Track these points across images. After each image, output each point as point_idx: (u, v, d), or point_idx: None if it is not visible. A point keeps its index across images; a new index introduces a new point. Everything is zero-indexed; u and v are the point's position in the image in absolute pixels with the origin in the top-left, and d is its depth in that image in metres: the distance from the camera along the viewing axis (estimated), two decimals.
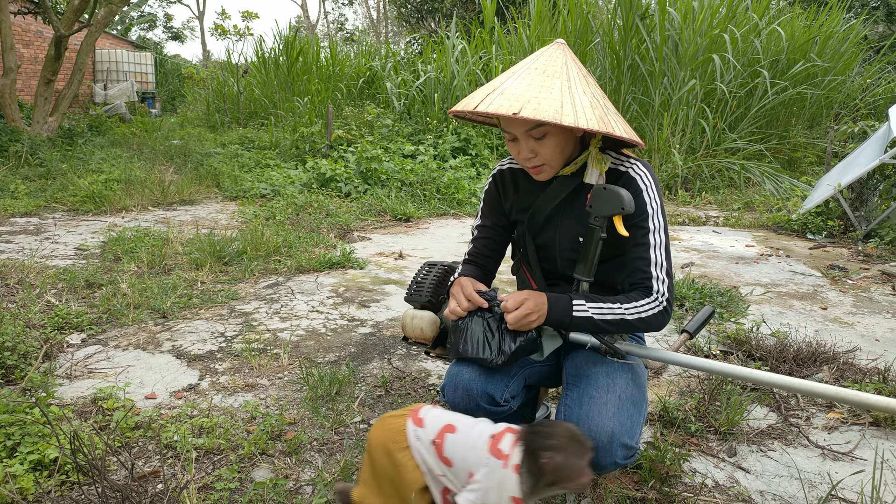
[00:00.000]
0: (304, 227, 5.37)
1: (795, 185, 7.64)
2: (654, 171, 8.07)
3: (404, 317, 1.88)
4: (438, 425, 1.41)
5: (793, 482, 1.98)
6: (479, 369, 1.66)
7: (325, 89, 11.24)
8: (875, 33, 14.67)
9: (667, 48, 8.59)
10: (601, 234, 1.57)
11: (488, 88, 1.53)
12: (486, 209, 1.89)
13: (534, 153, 1.58)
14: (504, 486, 1.32)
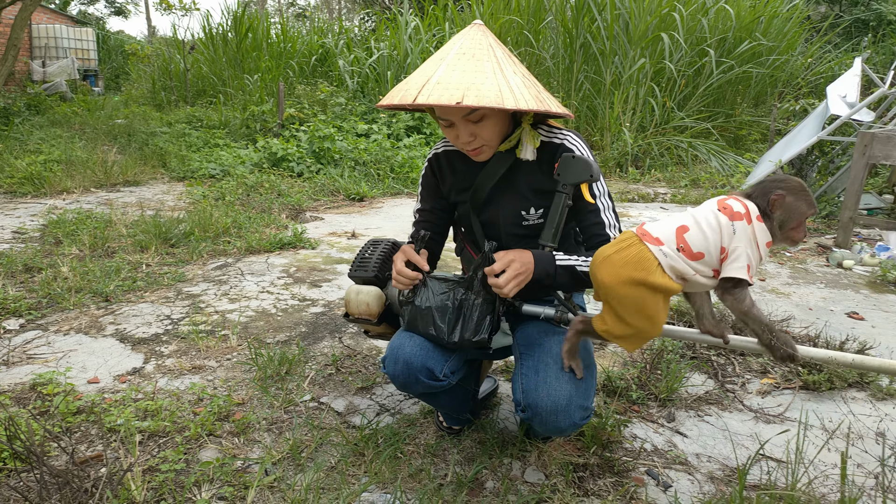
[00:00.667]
0: (254, 207, 5.29)
1: (740, 162, 7.87)
2: (606, 149, 8.24)
3: (348, 292, 1.86)
4: (673, 233, 1.44)
5: (727, 444, 2.08)
6: (420, 343, 1.69)
7: (276, 67, 10.99)
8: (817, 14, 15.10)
9: (617, 27, 8.68)
10: (568, 201, 1.60)
11: (421, 79, 1.53)
12: (425, 193, 1.91)
13: (473, 136, 1.62)
14: (757, 237, 1.40)
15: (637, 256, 1.44)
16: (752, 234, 1.39)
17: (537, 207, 1.74)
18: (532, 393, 1.60)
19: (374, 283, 1.87)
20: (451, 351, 1.74)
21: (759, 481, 1.86)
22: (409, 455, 1.96)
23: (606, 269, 1.47)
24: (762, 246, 1.41)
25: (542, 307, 1.75)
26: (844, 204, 4.56)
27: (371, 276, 1.86)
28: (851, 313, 3.28)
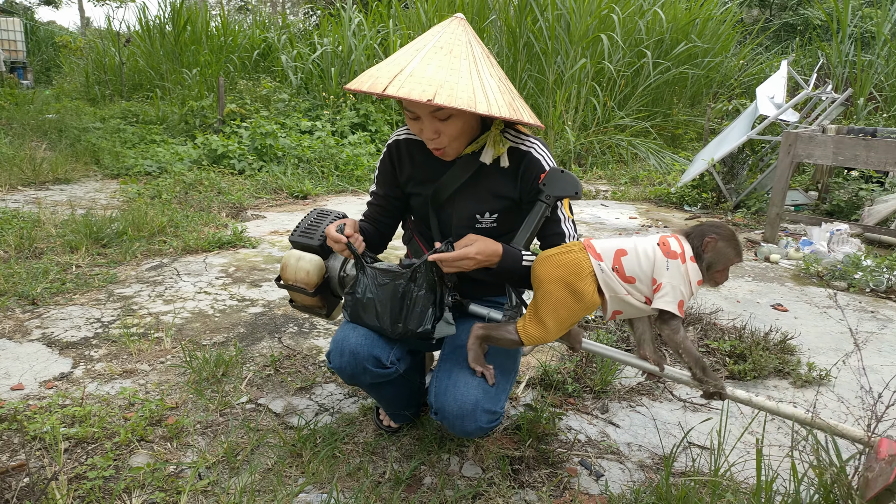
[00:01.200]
0: (192, 205, 5.15)
1: (676, 161, 8.13)
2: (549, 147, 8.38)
3: (288, 257, 1.78)
4: (612, 253, 1.55)
5: (656, 433, 2.16)
6: (365, 333, 1.68)
7: (217, 61, 10.71)
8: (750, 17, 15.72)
9: (559, 27, 8.84)
10: (547, 212, 1.63)
11: (394, 68, 1.48)
12: (381, 179, 1.87)
13: (437, 133, 1.58)
14: (689, 276, 1.52)
15: (575, 262, 1.54)
16: (685, 273, 1.51)
17: (492, 212, 1.72)
18: (441, 397, 1.63)
19: (317, 252, 1.80)
20: (394, 339, 1.74)
21: (686, 468, 1.94)
22: (347, 454, 1.96)
23: (545, 265, 1.56)
24: (693, 284, 1.53)
25: (489, 309, 1.75)
26: (771, 201, 4.78)
27: (315, 244, 1.79)
28: (776, 305, 3.44)
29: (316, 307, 1.87)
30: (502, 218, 1.74)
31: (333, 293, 1.88)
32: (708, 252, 1.54)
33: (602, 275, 1.52)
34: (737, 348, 2.69)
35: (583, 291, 1.52)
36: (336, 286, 1.85)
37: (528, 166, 1.67)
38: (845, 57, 9.44)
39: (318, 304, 1.85)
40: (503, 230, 1.75)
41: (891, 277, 3.73)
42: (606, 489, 1.83)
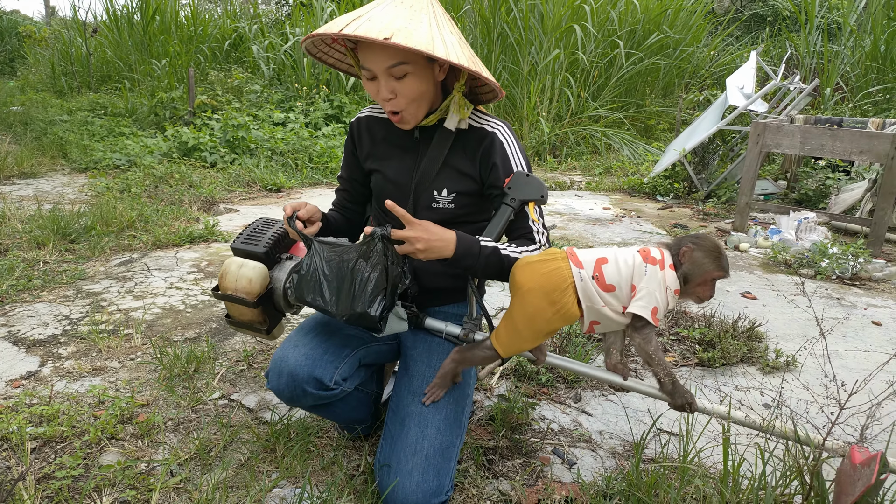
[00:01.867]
0: (163, 199, 5.07)
1: (648, 151, 8.22)
2: (524, 137, 8.40)
3: (229, 263, 1.66)
4: (593, 262, 1.53)
5: (627, 421, 2.20)
6: (305, 352, 1.60)
7: (187, 52, 10.52)
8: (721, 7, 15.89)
9: (532, 17, 8.84)
10: (511, 216, 1.61)
11: (352, 16, 1.44)
12: (345, 160, 1.86)
13: (394, 93, 1.52)
14: (667, 283, 1.49)
15: (557, 272, 1.51)
16: (662, 279, 1.48)
17: (450, 190, 1.67)
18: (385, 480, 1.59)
19: (261, 261, 1.69)
20: (341, 357, 1.66)
21: (656, 454, 1.97)
22: (321, 448, 1.96)
23: (526, 272, 1.52)
24: (670, 292, 1.49)
25: (446, 323, 1.71)
26: (741, 190, 4.86)
27: (260, 251, 1.67)
28: (745, 293, 3.51)
29: (256, 322, 1.72)
30: (460, 199, 1.68)
31: (276, 307, 1.74)
32: (685, 261, 1.51)
33: (581, 283, 1.50)
34: (706, 336, 2.74)
35: (562, 303, 1.50)
36: (280, 299, 1.71)
37: (491, 147, 1.63)
38: (813, 47, 9.60)
39: (258, 318, 1.71)
40: (460, 213, 1.69)
41: (856, 265, 3.82)
42: (578, 477, 1.86)
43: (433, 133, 1.68)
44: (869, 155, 4.39)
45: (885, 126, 5.11)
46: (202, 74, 9.75)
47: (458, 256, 1.53)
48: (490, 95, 1.70)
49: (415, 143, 1.71)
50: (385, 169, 1.74)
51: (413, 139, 1.71)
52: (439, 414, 1.64)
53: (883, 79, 8.47)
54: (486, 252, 1.55)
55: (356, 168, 1.84)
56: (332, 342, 1.67)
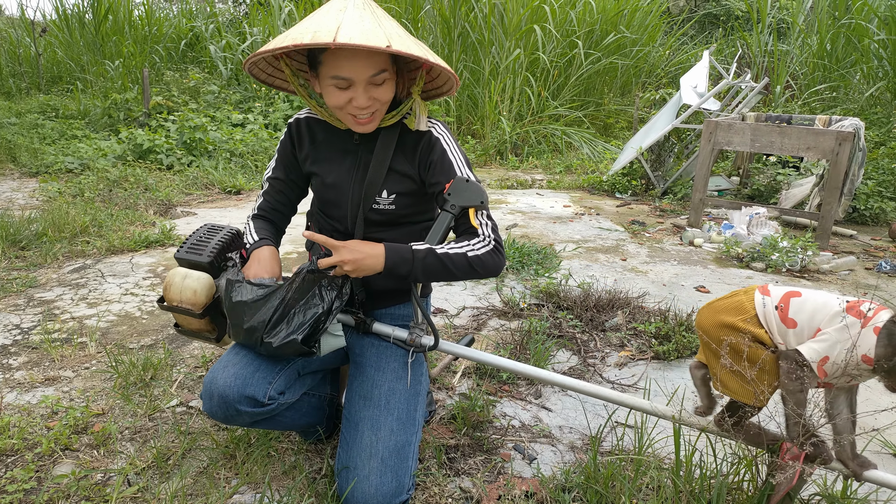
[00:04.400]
0: (117, 203, 4.96)
1: (607, 149, 8.36)
2: (486, 137, 8.46)
3: (173, 275, 1.62)
4: (783, 292, 1.41)
5: (585, 415, 2.24)
6: (236, 371, 1.56)
7: (141, 52, 10.29)
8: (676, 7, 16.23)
9: (493, 18, 8.90)
10: (452, 223, 1.61)
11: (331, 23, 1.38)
12: (280, 161, 1.80)
13: (372, 100, 1.52)
14: (857, 342, 1.30)
15: (737, 303, 1.45)
16: (855, 336, 1.30)
17: (390, 191, 1.66)
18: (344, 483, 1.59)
19: (206, 270, 1.66)
20: (275, 371, 1.62)
21: (613, 447, 2.02)
22: (282, 453, 1.95)
23: (706, 312, 1.50)
24: (858, 356, 1.30)
25: (393, 328, 1.70)
26: (695, 187, 4.99)
27: (205, 261, 1.63)
28: (699, 287, 3.61)
29: (204, 331, 1.70)
30: (400, 200, 1.68)
31: (224, 315, 1.71)
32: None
33: (763, 309, 1.42)
34: (661, 330, 2.81)
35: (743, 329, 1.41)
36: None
37: (429, 145, 1.65)
38: (764, 46, 9.89)
39: (206, 327, 1.69)
40: (402, 213, 1.69)
41: (804, 258, 3.96)
42: (538, 472, 1.89)
43: (372, 136, 1.68)
44: (815, 151, 4.55)
45: (831, 123, 5.30)
46: (157, 75, 9.56)
47: (391, 267, 1.53)
48: (435, 92, 1.72)
49: (355, 145, 1.70)
50: (325, 173, 1.72)
51: (353, 142, 1.70)
52: (391, 415, 1.65)
53: (829, 77, 8.78)
54: (421, 255, 1.54)
55: (295, 169, 1.80)
56: (266, 358, 1.63)
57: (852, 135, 4.41)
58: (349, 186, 1.70)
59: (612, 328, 2.94)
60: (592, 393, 1.71)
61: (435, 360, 2.51)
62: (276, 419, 1.69)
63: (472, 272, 1.58)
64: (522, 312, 3.09)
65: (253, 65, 1.61)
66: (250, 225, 1.80)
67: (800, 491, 1.59)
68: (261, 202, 1.85)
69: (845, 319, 1.32)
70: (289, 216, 1.89)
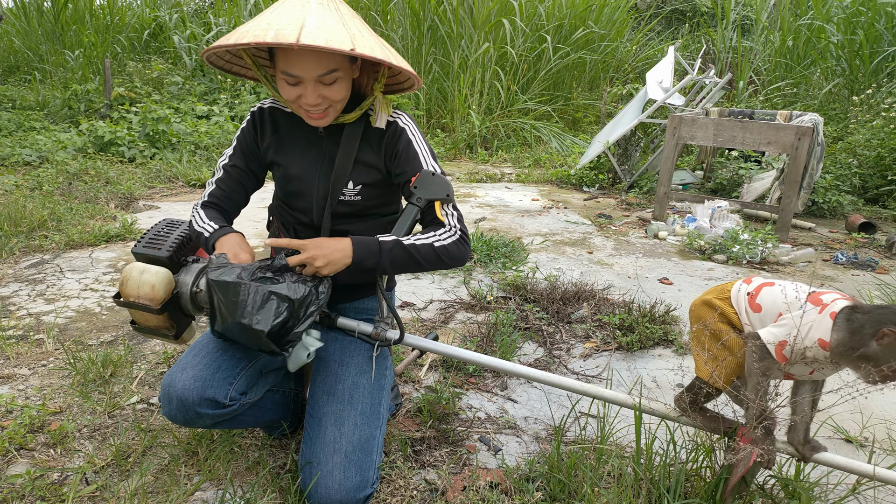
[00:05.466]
0: (77, 197, 4.83)
1: (576, 143, 8.43)
2: (456, 130, 8.45)
3: (130, 269, 1.58)
4: (760, 282, 1.48)
5: (549, 406, 2.27)
6: (195, 373, 1.53)
7: (103, 42, 10.02)
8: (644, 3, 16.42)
9: (462, 11, 8.89)
10: (418, 216, 1.61)
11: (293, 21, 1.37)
12: (239, 148, 1.75)
13: (321, 98, 1.51)
14: (814, 328, 1.32)
15: (722, 287, 1.58)
16: (812, 321, 1.33)
17: (356, 182, 1.66)
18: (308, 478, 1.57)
19: (164, 265, 1.62)
20: (236, 372, 1.60)
21: (576, 436, 2.05)
22: (245, 448, 1.93)
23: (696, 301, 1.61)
24: (813, 339, 1.33)
25: (358, 322, 1.69)
26: (659, 180, 5.06)
27: (164, 255, 1.61)
28: (663, 279, 3.67)
29: (163, 328, 1.65)
30: (367, 191, 1.68)
31: (184, 311, 1.67)
32: (880, 344, 1.27)
33: (736, 294, 1.51)
34: (625, 321, 2.85)
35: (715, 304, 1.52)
36: (188, 303, 1.64)
37: (394, 136, 1.65)
38: (728, 43, 10.07)
39: (164, 323, 1.64)
40: (368, 204, 1.69)
41: (764, 250, 4.05)
42: (503, 462, 1.90)
43: (338, 127, 1.67)
44: (776, 146, 4.66)
45: (791, 118, 5.42)
46: (120, 66, 9.33)
47: (359, 260, 1.52)
48: (398, 87, 1.72)
49: (319, 137, 1.69)
50: (288, 164, 1.71)
51: (318, 134, 1.69)
52: (354, 410, 1.64)
53: (790, 74, 8.98)
54: (388, 247, 1.54)
55: (255, 158, 1.76)
56: (226, 357, 1.61)
57: (811, 130, 4.52)
58: (314, 178, 1.69)
59: (578, 320, 2.98)
60: (555, 383, 1.73)
61: (402, 353, 2.52)
62: (238, 419, 1.68)
63: (440, 262, 1.59)
64: (489, 305, 3.11)
65: (212, 53, 1.58)
66: (200, 213, 1.71)
67: (756, 474, 1.64)
68: (213, 189, 1.76)
69: (805, 306, 1.36)
70: (241, 207, 1.82)
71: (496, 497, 1.73)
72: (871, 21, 7.57)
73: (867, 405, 2.34)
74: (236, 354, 1.63)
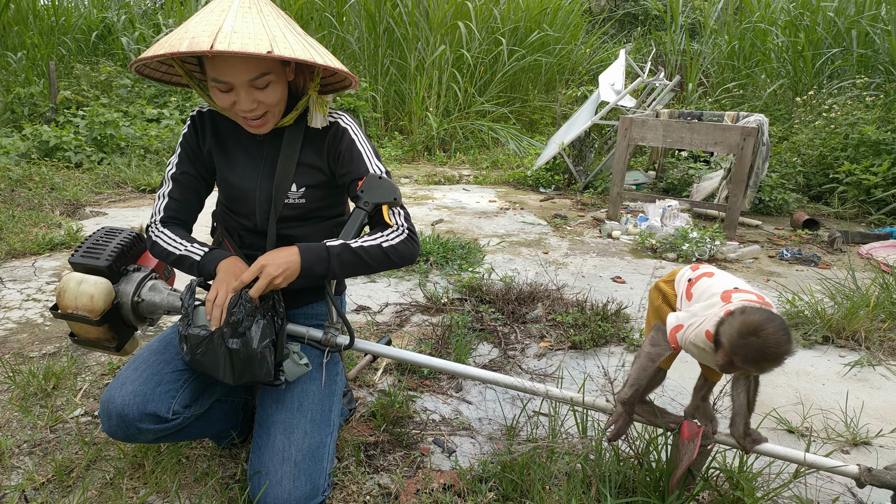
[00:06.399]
0: (20, 204, 4.66)
1: (532, 145, 8.52)
2: (414, 132, 8.45)
3: (67, 280, 1.55)
4: (704, 271, 1.52)
5: (504, 405, 2.28)
6: (135, 388, 1.50)
7: (47, 43, 9.68)
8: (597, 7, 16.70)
9: (418, 13, 8.90)
10: (365, 220, 1.60)
11: (209, 27, 1.34)
12: (184, 155, 1.70)
13: (256, 103, 1.48)
14: (708, 321, 1.36)
15: (674, 270, 1.65)
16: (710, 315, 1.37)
17: (300, 185, 1.64)
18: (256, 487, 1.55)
19: (103, 275, 1.59)
20: (178, 385, 1.57)
21: (528, 436, 2.07)
22: (194, 459, 1.89)
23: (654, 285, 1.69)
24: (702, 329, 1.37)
25: (307, 328, 1.67)
26: (612, 181, 5.16)
27: (103, 265, 1.57)
28: (616, 278, 3.74)
29: (103, 340, 1.62)
30: (310, 193, 1.66)
31: (126, 322, 1.64)
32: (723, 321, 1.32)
33: (680, 277, 1.58)
34: (579, 320, 2.89)
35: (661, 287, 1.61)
36: (129, 314, 1.61)
37: (336, 136, 1.64)
38: (678, 46, 10.32)
39: (105, 335, 1.61)
40: (312, 207, 1.68)
41: (713, 247, 4.17)
42: (457, 464, 1.91)
43: (279, 131, 1.65)
44: (723, 146, 4.79)
45: (738, 119, 5.59)
46: (66, 68, 9.04)
47: (308, 266, 1.50)
48: (339, 86, 1.70)
49: (259, 140, 1.67)
50: (230, 169, 1.68)
51: (257, 138, 1.67)
52: (304, 417, 1.62)
53: (737, 75, 9.26)
54: (336, 251, 1.52)
55: (202, 163, 1.71)
56: (167, 370, 1.58)
57: (756, 130, 4.67)
58: (256, 182, 1.66)
59: (533, 320, 3.01)
60: (505, 384, 1.75)
61: (356, 357, 2.50)
62: (183, 432, 1.64)
63: (389, 262, 1.58)
64: (445, 307, 3.12)
65: (144, 65, 1.54)
66: (166, 233, 1.64)
67: (702, 467, 1.68)
68: (166, 203, 1.69)
69: (711, 300, 1.41)
70: (197, 215, 1.78)
71: (449, 499, 1.73)
72: (813, 23, 7.86)
73: (808, 396, 2.43)
74: (179, 367, 1.60)
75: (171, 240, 1.63)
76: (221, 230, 1.79)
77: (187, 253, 1.61)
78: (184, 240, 1.64)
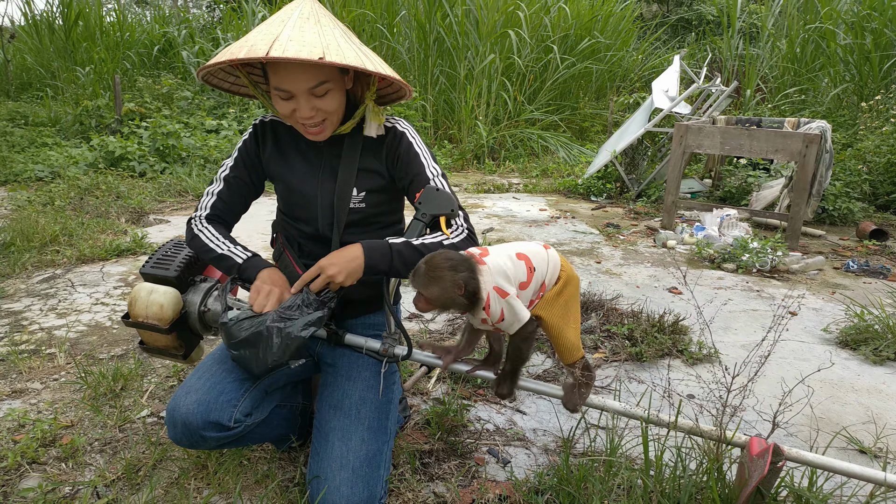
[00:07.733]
0: (88, 212, 4.89)
1: (583, 153, 8.43)
2: (463, 141, 8.48)
3: (138, 290, 1.61)
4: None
5: (557, 417, 2.26)
6: (198, 397, 1.54)
7: (113, 58, 10.16)
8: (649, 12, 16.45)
9: (468, 22, 8.95)
10: (425, 231, 1.61)
11: (267, 37, 1.40)
12: (241, 160, 1.75)
13: (315, 111, 1.53)
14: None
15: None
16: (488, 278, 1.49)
17: (360, 189, 1.67)
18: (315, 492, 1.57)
19: (172, 285, 1.65)
20: (240, 393, 1.61)
21: (585, 448, 2.04)
22: (255, 462, 1.94)
23: None
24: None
25: (366, 339, 1.69)
26: (667, 189, 5.05)
27: (172, 276, 1.63)
28: (672, 288, 3.65)
29: (171, 348, 1.67)
30: (371, 198, 1.69)
31: (192, 331, 1.70)
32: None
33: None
34: (634, 332, 2.84)
35: None
36: (196, 322, 1.66)
37: (394, 140, 1.67)
38: (735, 50, 10.06)
39: (173, 343, 1.66)
40: (372, 212, 1.71)
41: (774, 258, 4.03)
42: (512, 475, 1.90)
43: (338, 138, 1.68)
44: (784, 153, 4.64)
45: (799, 125, 5.41)
46: (130, 81, 9.45)
47: (371, 263, 1.53)
48: (395, 96, 1.73)
49: (320, 149, 1.70)
50: (290, 177, 1.72)
51: (316, 145, 1.70)
52: (362, 425, 1.64)
53: (798, 80, 8.96)
54: (398, 248, 1.55)
55: (256, 170, 1.76)
56: (229, 379, 1.62)
57: (819, 137, 4.50)
58: (317, 187, 1.69)
59: (587, 331, 2.97)
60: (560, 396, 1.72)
61: (412, 365, 2.51)
62: (245, 438, 1.68)
63: None
64: None
65: (211, 75, 1.61)
66: (209, 229, 1.70)
67: (772, 486, 1.62)
68: (214, 201, 1.73)
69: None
70: (240, 217, 1.83)
71: None
72: (882, 25, 7.54)
73: (881, 415, 2.32)
74: (240, 376, 1.64)
75: (214, 237, 1.68)
76: (282, 240, 1.83)
77: (230, 254, 1.66)
78: (227, 240, 1.69)
